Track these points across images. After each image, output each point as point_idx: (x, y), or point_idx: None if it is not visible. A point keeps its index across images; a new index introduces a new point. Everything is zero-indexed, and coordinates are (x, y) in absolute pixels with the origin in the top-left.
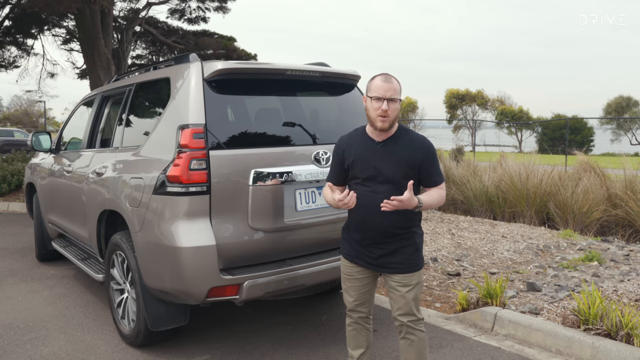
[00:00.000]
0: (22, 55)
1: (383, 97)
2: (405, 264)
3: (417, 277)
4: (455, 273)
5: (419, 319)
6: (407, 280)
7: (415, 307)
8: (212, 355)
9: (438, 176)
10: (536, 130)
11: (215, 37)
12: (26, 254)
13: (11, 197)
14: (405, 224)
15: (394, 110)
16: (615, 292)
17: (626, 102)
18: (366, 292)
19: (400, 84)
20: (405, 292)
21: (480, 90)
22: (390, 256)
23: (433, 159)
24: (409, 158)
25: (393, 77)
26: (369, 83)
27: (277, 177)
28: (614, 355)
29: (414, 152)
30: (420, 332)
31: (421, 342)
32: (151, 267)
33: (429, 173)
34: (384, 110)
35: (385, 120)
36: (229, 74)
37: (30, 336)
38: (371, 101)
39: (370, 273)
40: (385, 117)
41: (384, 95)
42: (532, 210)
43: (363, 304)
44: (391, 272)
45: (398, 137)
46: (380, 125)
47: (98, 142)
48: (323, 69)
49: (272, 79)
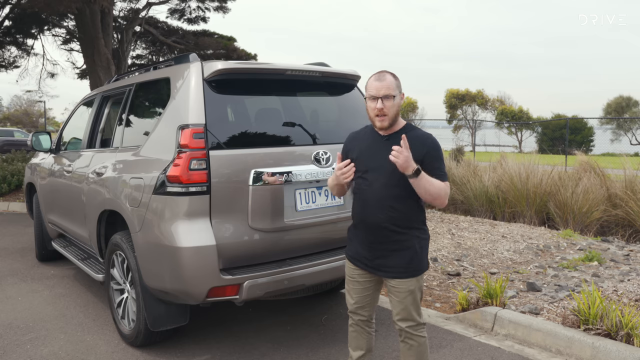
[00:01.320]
0: (22, 55)
1: (376, 95)
2: (402, 267)
3: (416, 282)
4: (455, 273)
5: (420, 323)
6: (405, 286)
7: (416, 311)
8: (212, 355)
9: (441, 173)
10: (536, 130)
11: (215, 37)
12: (26, 254)
13: (11, 197)
14: (402, 222)
15: (391, 107)
16: (615, 292)
17: (626, 102)
18: (367, 295)
19: (398, 79)
20: (403, 297)
21: (480, 90)
22: (387, 259)
23: (437, 156)
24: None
25: (388, 74)
26: (366, 83)
27: (277, 177)
28: (614, 355)
29: (417, 148)
30: (420, 337)
31: (421, 347)
32: (151, 267)
33: (432, 170)
34: (379, 109)
35: (383, 118)
36: (229, 74)
37: (30, 336)
38: (367, 101)
39: (372, 277)
40: (382, 115)
41: (377, 94)
42: (532, 210)
43: (364, 308)
44: (388, 276)
45: (403, 133)
46: (379, 124)
47: (98, 142)
48: (323, 69)
49: (272, 79)
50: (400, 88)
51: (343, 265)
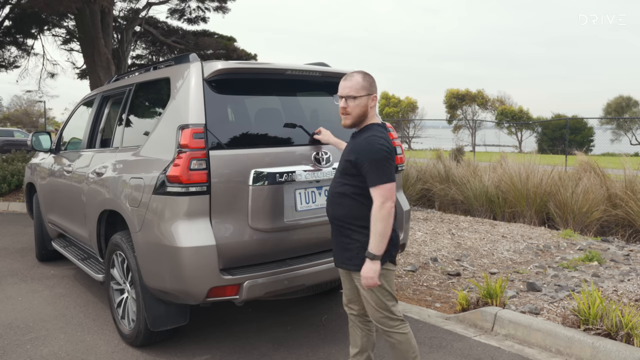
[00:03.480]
0: (22, 55)
1: (341, 94)
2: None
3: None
4: (455, 273)
5: (392, 318)
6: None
7: (383, 308)
8: (212, 355)
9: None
10: (536, 130)
11: (215, 37)
12: (26, 254)
13: (11, 197)
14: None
15: (354, 107)
16: (615, 292)
17: (626, 102)
18: (352, 289)
19: (369, 81)
20: (365, 294)
21: (480, 90)
22: (336, 251)
23: (366, 160)
24: (350, 151)
25: (358, 74)
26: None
27: (277, 177)
28: (614, 355)
29: (352, 149)
30: (399, 334)
31: (402, 345)
32: (151, 267)
33: (365, 170)
34: (343, 108)
35: (346, 117)
36: (229, 74)
37: (30, 336)
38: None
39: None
40: (345, 114)
41: (341, 93)
42: (532, 210)
43: (352, 301)
44: (344, 267)
45: (358, 134)
46: (342, 122)
47: (98, 142)
48: (323, 69)
49: (273, 79)
50: (370, 89)
51: None
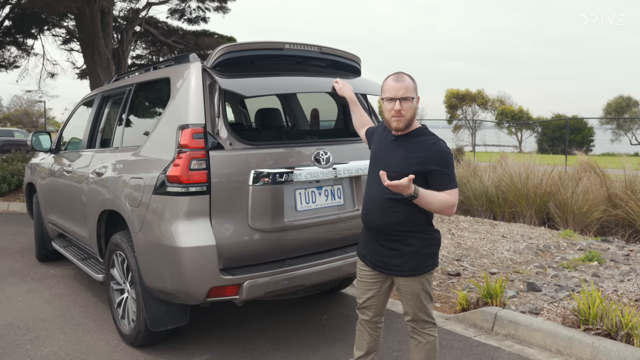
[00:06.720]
0: (22, 55)
1: (395, 97)
2: (402, 267)
3: (418, 282)
4: (455, 273)
5: (428, 321)
6: (409, 286)
7: (422, 311)
8: (212, 355)
9: (446, 181)
10: (536, 130)
11: (215, 37)
12: (26, 254)
13: (11, 197)
14: (402, 224)
15: (408, 109)
16: (615, 292)
17: (626, 102)
18: (373, 297)
19: (415, 82)
20: (409, 297)
21: (480, 90)
22: (390, 258)
23: (440, 162)
24: (413, 157)
25: (406, 75)
26: (382, 84)
27: (277, 177)
28: (614, 355)
29: (420, 152)
30: (429, 335)
31: (428, 345)
32: (151, 267)
33: (436, 176)
34: (397, 111)
35: (399, 119)
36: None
37: (30, 336)
38: (384, 102)
39: (378, 278)
40: (399, 117)
41: (395, 95)
42: (532, 210)
43: (368, 308)
44: (389, 274)
45: (413, 136)
46: (395, 125)
47: (98, 142)
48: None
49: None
50: (417, 91)
51: (343, 265)
